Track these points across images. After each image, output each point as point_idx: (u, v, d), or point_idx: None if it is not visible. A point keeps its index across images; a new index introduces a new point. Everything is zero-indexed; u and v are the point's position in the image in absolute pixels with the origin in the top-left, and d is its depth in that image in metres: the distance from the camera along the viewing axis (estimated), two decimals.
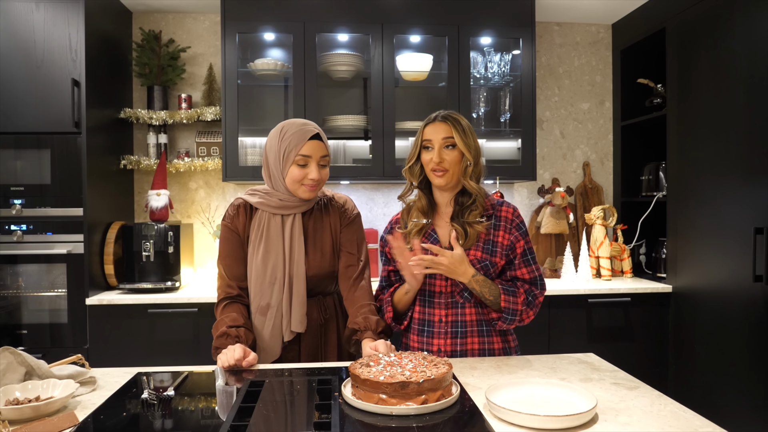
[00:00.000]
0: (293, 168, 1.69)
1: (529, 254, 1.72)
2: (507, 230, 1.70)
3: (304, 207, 1.78)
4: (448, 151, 1.67)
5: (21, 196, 2.69)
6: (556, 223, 3.33)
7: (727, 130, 2.53)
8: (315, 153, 1.70)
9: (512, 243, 1.70)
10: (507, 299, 1.65)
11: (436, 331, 1.70)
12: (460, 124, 1.69)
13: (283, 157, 1.70)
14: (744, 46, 2.43)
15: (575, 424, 1.14)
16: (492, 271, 1.68)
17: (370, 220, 3.46)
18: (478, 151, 1.70)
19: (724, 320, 2.56)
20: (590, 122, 3.60)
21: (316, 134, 1.71)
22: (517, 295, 1.66)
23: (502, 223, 1.70)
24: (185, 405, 1.34)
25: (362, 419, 1.19)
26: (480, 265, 1.66)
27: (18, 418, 1.18)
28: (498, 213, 1.71)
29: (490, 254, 1.68)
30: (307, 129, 1.71)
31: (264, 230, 1.75)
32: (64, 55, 2.68)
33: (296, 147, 1.68)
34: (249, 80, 3.16)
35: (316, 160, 1.70)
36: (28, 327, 2.71)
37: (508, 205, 1.74)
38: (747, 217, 2.41)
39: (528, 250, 1.72)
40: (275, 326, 1.73)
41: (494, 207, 1.73)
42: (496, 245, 1.69)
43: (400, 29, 3.04)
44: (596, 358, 1.69)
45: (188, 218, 3.36)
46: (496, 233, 1.69)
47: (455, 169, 1.68)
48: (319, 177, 1.71)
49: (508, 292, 1.66)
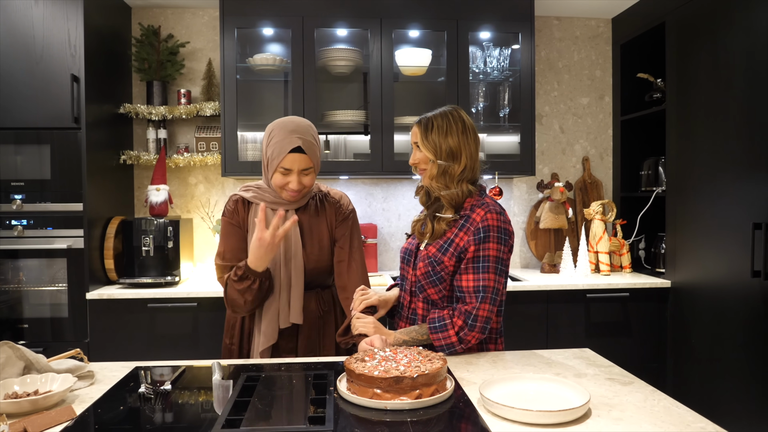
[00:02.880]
0: (276, 174, 1.73)
1: (482, 262, 1.59)
2: (467, 232, 1.62)
3: (297, 204, 1.81)
4: (417, 152, 1.71)
5: (21, 191, 2.70)
6: (555, 218, 3.33)
7: (727, 124, 2.52)
8: (295, 166, 1.70)
9: (465, 246, 1.61)
10: (436, 337, 1.60)
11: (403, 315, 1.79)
12: (425, 125, 1.68)
13: (267, 162, 1.75)
14: (743, 40, 2.43)
15: (568, 419, 1.15)
16: (439, 269, 1.64)
17: (369, 215, 3.46)
18: (454, 150, 1.64)
19: (722, 315, 2.57)
20: (590, 117, 3.60)
21: (298, 147, 1.69)
22: (447, 328, 1.59)
23: (467, 224, 1.63)
24: (182, 399, 1.35)
25: (357, 414, 1.20)
26: (428, 261, 1.66)
27: (16, 411, 1.20)
28: (471, 214, 1.64)
29: (443, 253, 1.64)
30: (290, 140, 1.69)
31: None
32: (63, 51, 2.68)
33: (278, 157, 1.70)
34: (248, 75, 3.16)
35: (296, 172, 1.71)
36: (29, 321, 2.72)
37: (486, 209, 1.63)
38: (746, 212, 2.41)
39: (481, 258, 1.59)
40: (272, 318, 1.76)
41: (472, 208, 1.65)
42: (451, 245, 1.63)
43: (399, 24, 3.03)
44: (592, 353, 1.70)
45: (188, 213, 3.37)
46: (459, 233, 1.64)
47: (428, 168, 1.68)
48: (299, 187, 1.73)
49: (436, 329, 1.60)
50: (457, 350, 1.61)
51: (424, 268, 1.67)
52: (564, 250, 3.18)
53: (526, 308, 2.88)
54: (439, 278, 1.65)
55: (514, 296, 2.84)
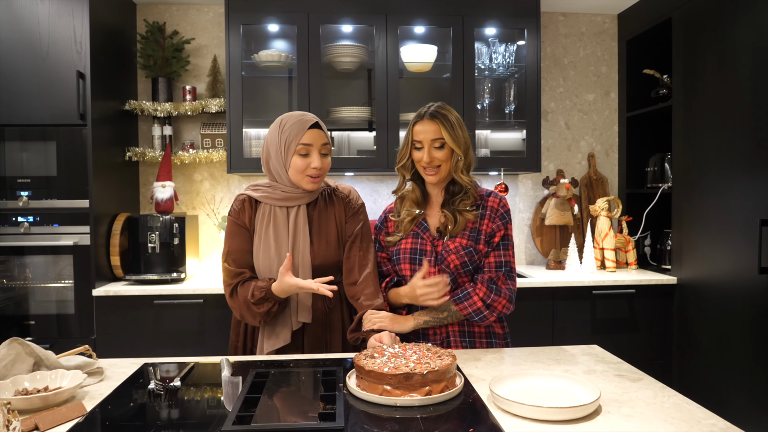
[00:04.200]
0: (295, 158, 1.71)
1: (504, 240, 1.75)
2: (491, 219, 1.75)
3: (308, 198, 1.79)
4: (437, 150, 1.71)
5: (27, 188, 2.71)
6: (561, 215, 3.32)
7: (733, 121, 2.51)
8: (315, 141, 1.72)
9: (493, 230, 1.74)
10: (462, 306, 1.69)
11: None
12: (449, 121, 1.71)
13: (284, 148, 1.72)
14: (750, 36, 2.41)
15: (578, 415, 1.15)
16: (476, 258, 1.73)
17: (374, 211, 3.46)
18: (467, 143, 1.75)
19: (728, 312, 2.56)
20: (595, 113, 3.58)
21: (315, 123, 1.74)
22: (471, 295, 1.69)
23: (488, 212, 1.76)
24: (191, 395, 1.35)
25: (366, 410, 1.20)
26: (464, 251, 1.71)
27: (27, 407, 1.20)
28: (485, 203, 1.77)
29: (475, 241, 1.73)
30: (306, 119, 1.73)
31: (269, 222, 1.76)
32: (69, 48, 2.68)
33: (297, 137, 1.70)
34: (253, 72, 3.15)
35: (317, 149, 1.73)
36: (36, 318, 2.73)
37: (495, 196, 1.79)
38: (753, 208, 2.40)
39: (503, 237, 1.75)
40: (285, 321, 1.75)
41: (483, 198, 1.79)
42: (480, 233, 1.74)
43: (405, 20, 3.02)
44: (600, 350, 1.70)
45: (193, 210, 3.37)
46: (482, 222, 1.75)
47: (446, 165, 1.73)
48: (322, 165, 1.73)
49: (460, 299, 1.70)
50: (485, 315, 1.69)
51: (458, 260, 1.71)
52: (569, 246, 3.17)
53: (532, 305, 2.87)
54: (475, 267, 1.74)
55: (519, 293, 2.80)
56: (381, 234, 1.88)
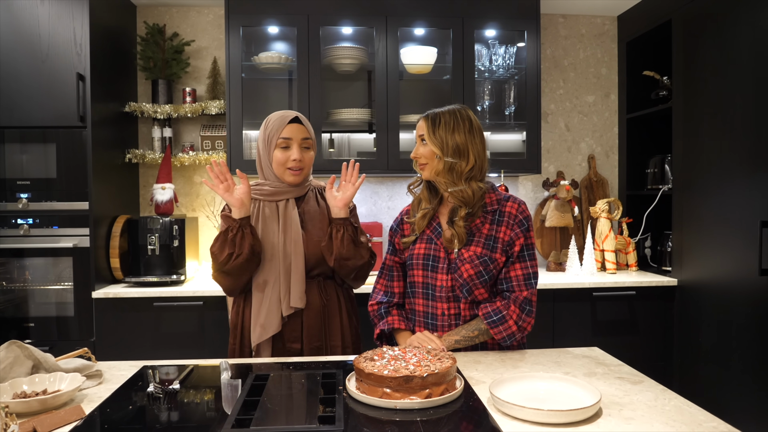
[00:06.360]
0: (277, 152, 1.81)
1: (527, 250, 1.69)
2: (509, 226, 1.68)
3: (296, 192, 1.86)
4: (422, 146, 1.70)
5: (27, 190, 2.71)
6: (561, 217, 3.32)
7: (734, 122, 2.51)
8: (295, 135, 1.81)
9: (512, 239, 1.67)
10: (497, 330, 1.64)
11: (440, 324, 1.71)
12: (436, 120, 1.67)
13: (267, 143, 1.82)
14: (750, 38, 2.41)
15: (579, 418, 1.14)
16: (492, 267, 1.66)
17: (374, 213, 3.46)
18: (461, 148, 1.65)
19: (729, 314, 2.55)
20: (595, 115, 3.58)
21: (295, 117, 1.82)
22: (506, 319, 1.64)
23: (505, 219, 1.69)
24: (191, 398, 1.35)
25: (366, 413, 1.20)
26: (479, 260, 1.65)
27: (26, 411, 1.20)
28: (503, 208, 1.70)
29: (491, 250, 1.67)
30: (286, 115, 1.83)
31: (260, 214, 1.84)
32: (68, 49, 2.68)
33: (278, 131, 1.80)
34: (253, 74, 3.15)
35: (297, 142, 1.81)
36: (35, 320, 2.73)
37: (513, 200, 1.72)
38: (753, 210, 2.40)
39: (526, 246, 1.69)
40: (272, 301, 1.77)
41: (499, 202, 1.71)
42: (497, 241, 1.68)
43: (405, 22, 3.02)
44: (600, 352, 1.69)
45: (193, 212, 3.37)
46: (498, 229, 1.68)
47: (432, 163, 1.68)
48: (301, 158, 1.81)
49: (495, 323, 1.64)
50: (517, 338, 1.66)
51: (473, 269, 1.65)
52: (570, 248, 3.17)
53: None
54: (491, 276, 1.67)
55: None
56: (396, 236, 1.85)
